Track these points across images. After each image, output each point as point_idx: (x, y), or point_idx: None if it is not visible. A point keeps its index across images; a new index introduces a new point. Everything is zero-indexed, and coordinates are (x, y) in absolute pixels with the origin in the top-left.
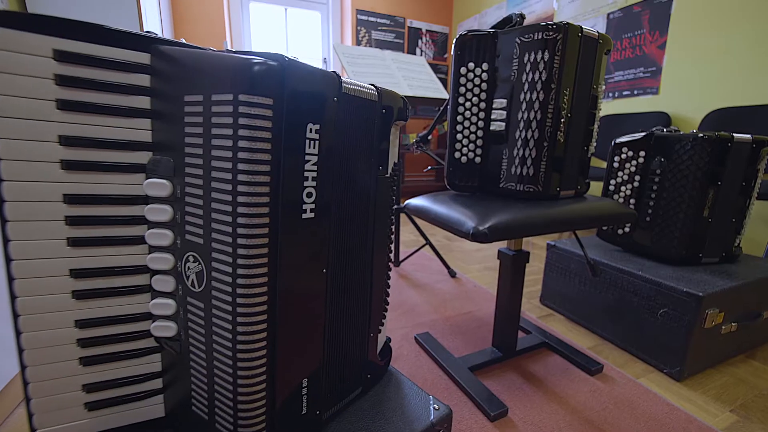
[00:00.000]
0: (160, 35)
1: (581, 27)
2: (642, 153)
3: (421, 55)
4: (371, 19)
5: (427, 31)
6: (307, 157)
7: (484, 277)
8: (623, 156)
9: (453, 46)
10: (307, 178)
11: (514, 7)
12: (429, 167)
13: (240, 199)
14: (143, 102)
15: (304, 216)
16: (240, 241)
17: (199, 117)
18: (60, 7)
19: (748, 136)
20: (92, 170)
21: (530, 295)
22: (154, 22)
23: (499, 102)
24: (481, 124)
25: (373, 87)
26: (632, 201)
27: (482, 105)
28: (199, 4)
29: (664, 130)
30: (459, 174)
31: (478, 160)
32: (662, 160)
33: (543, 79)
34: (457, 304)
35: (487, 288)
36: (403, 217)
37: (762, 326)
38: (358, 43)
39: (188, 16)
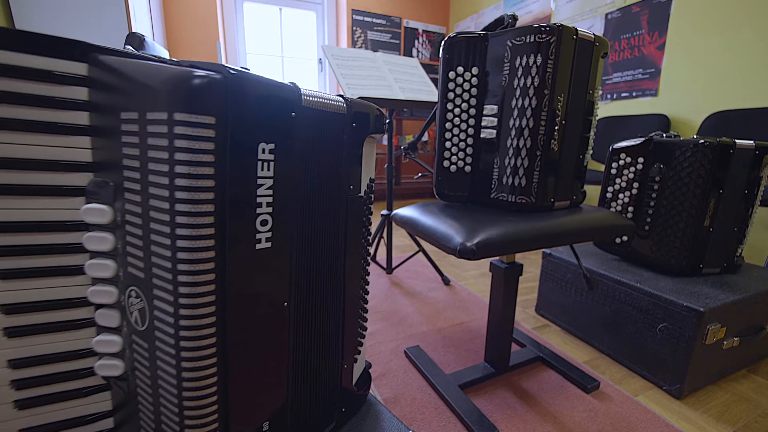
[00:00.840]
0: (99, 44)
1: (576, 29)
2: (640, 159)
3: (418, 55)
4: (367, 19)
5: (423, 31)
6: (260, 181)
7: (479, 285)
8: (621, 162)
9: (441, 48)
10: (260, 204)
11: (511, 7)
12: (420, 174)
13: (180, 231)
14: (81, 118)
15: (258, 246)
16: (182, 278)
17: (136, 137)
18: (45, 9)
19: (751, 142)
20: (25, 194)
21: (526, 304)
22: (144, 23)
23: (490, 108)
24: (470, 131)
25: (341, 98)
26: (630, 209)
27: (472, 111)
28: (192, 4)
29: (664, 135)
30: (448, 184)
31: (468, 169)
32: (662, 166)
33: (536, 84)
34: (450, 314)
35: (482, 296)
36: None
37: (765, 340)
38: (354, 43)
39: (180, 16)
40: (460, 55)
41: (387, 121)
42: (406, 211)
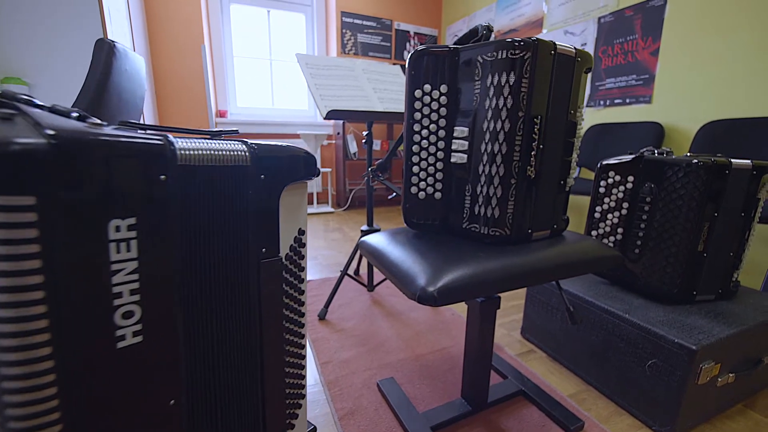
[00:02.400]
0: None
1: (554, 43)
2: (630, 178)
3: None
4: (356, 21)
5: (415, 33)
6: (116, 266)
7: (464, 304)
8: (610, 180)
9: (407, 63)
10: (120, 294)
11: (503, 9)
12: (393, 194)
13: (3, 342)
14: None
15: (122, 344)
16: (10, 398)
17: None
18: (16, 15)
19: (748, 161)
20: None
21: (512, 326)
22: (122, 28)
23: (461, 130)
24: (440, 154)
25: (242, 147)
26: (620, 230)
27: (441, 133)
28: (175, 7)
29: (656, 151)
30: (417, 211)
31: (438, 195)
32: (653, 186)
33: (508, 105)
34: (431, 337)
35: (465, 316)
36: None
37: (762, 372)
38: (344, 46)
39: (163, 19)
40: (427, 71)
41: (317, 171)
42: (374, 240)
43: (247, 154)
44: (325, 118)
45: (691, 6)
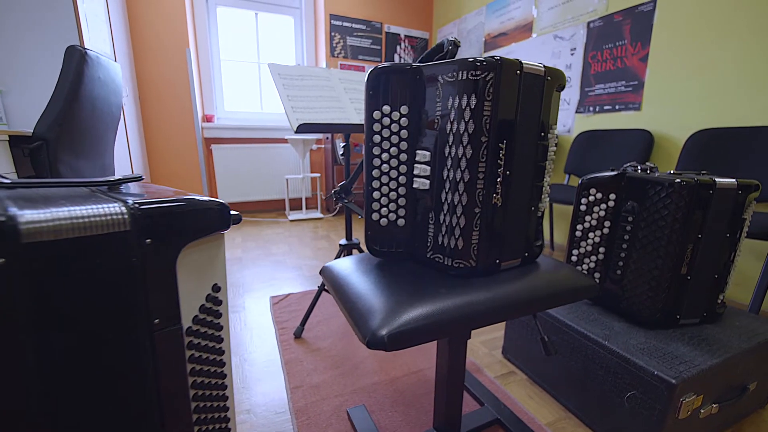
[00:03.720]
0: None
1: (520, 62)
2: (612, 195)
3: (400, 61)
4: (346, 24)
5: (406, 36)
6: None
7: None
8: (591, 198)
9: (365, 83)
10: None
11: (494, 13)
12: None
13: None
14: None
15: None
16: None
17: None
18: None
19: (733, 180)
20: None
21: (493, 344)
22: (100, 32)
23: (422, 154)
24: (402, 179)
25: (120, 209)
26: (602, 249)
27: (403, 157)
28: (159, 10)
29: (639, 167)
30: (379, 238)
31: (401, 222)
32: (635, 205)
33: (470, 131)
34: (407, 358)
35: None
36: None
37: (748, 399)
38: (333, 49)
39: (147, 22)
40: (386, 91)
41: (233, 219)
42: (338, 266)
43: (126, 217)
44: (296, 132)
45: (680, 12)
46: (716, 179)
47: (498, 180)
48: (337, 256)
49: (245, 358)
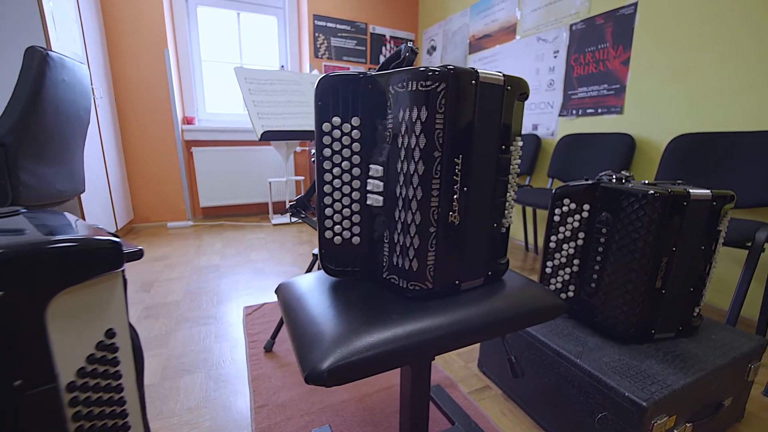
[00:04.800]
0: None
1: (476, 71)
2: (586, 206)
3: None
4: (330, 25)
5: (391, 37)
6: None
7: None
8: (565, 209)
9: (314, 92)
10: None
11: (478, 14)
12: None
13: None
14: None
15: None
16: None
17: None
18: None
19: (707, 191)
20: None
21: (470, 356)
22: (70, 32)
23: (375, 169)
24: (356, 195)
25: None
26: (576, 261)
27: (356, 171)
28: (136, 9)
29: (614, 176)
30: (334, 257)
31: (356, 240)
32: (608, 216)
33: (421, 145)
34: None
35: None
36: None
37: (724, 415)
38: (317, 50)
39: (122, 20)
40: (336, 101)
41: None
42: (292, 287)
43: None
44: (260, 139)
45: (660, 16)
46: (690, 190)
47: (455, 197)
48: (310, 267)
49: (210, 374)
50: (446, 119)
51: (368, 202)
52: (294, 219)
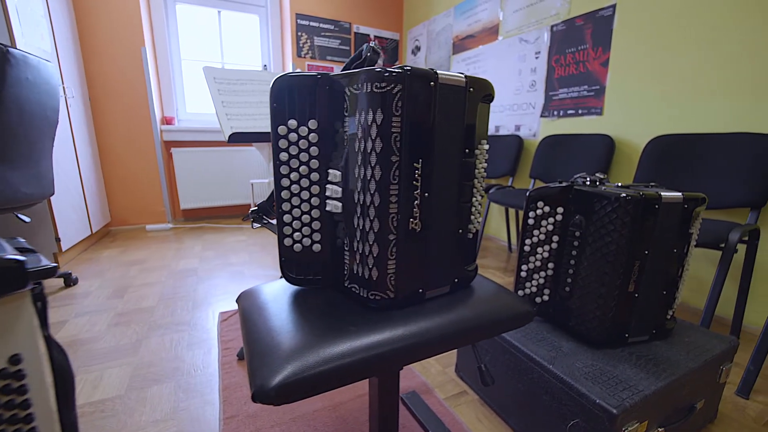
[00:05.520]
0: None
1: (435, 72)
2: (560, 209)
3: None
4: (313, 24)
5: (375, 37)
6: None
7: None
8: (539, 212)
9: (269, 93)
10: None
11: (462, 14)
12: None
13: None
14: None
15: None
16: None
17: None
18: None
19: (679, 194)
20: None
21: (448, 361)
22: (37, 27)
23: (334, 174)
24: (315, 201)
25: None
26: (551, 265)
27: (314, 176)
28: (110, 4)
29: (588, 179)
30: (294, 265)
31: (317, 247)
32: (582, 219)
33: (377, 150)
34: None
35: None
36: None
37: (697, 417)
38: (300, 49)
39: (96, 17)
40: (292, 103)
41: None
42: (253, 296)
43: None
44: (228, 141)
45: (638, 18)
46: (662, 193)
47: (415, 203)
48: None
49: (180, 384)
50: (403, 122)
51: (327, 208)
52: (256, 225)
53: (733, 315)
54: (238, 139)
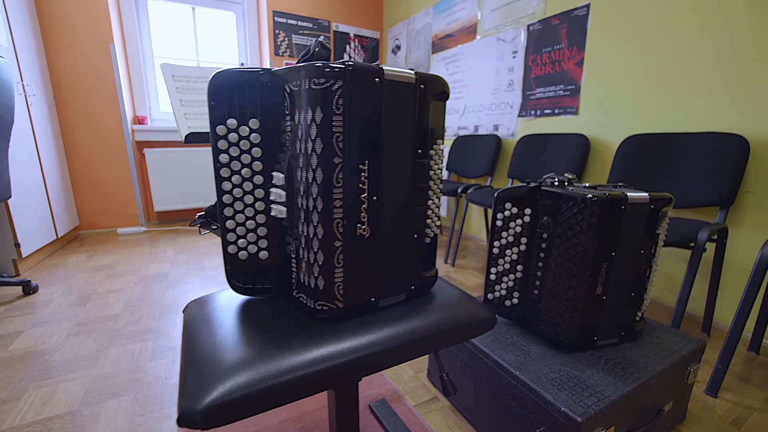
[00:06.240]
0: None
1: (381, 68)
2: (528, 210)
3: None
4: (291, 21)
5: (355, 36)
6: None
7: None
8: (507, 213)
9: (207, 90)
10: None
11: (441, 13)
12: None
13: None
14: None
15: None
16: None
17: None
18: None
19: (645, 194)
20: None
21: (420, 366)
22: None
23: (278, 177)
24: (260, 206)
25: None
26: (519, 267)
27: (258, 179)
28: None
29: (557, 179)
30: (239, 274)
31: (264, 255)
32: (549, 221)
33: (318, 151)
34: None
35: None
36: None
37: (665, 419)
38: (277, 47)
39: (60, 12)
40: (232, 101)
41: None
42: (198, 307)
43: None
44: (185, 142)
45: (612, 18)
46: (628, 193)
47: (363, 207)
48: None
49: (139, 398)
50: (346, 121)
51: (272, 213)
52: (205, 231)
53: (704, 312)
54: (196, 139)
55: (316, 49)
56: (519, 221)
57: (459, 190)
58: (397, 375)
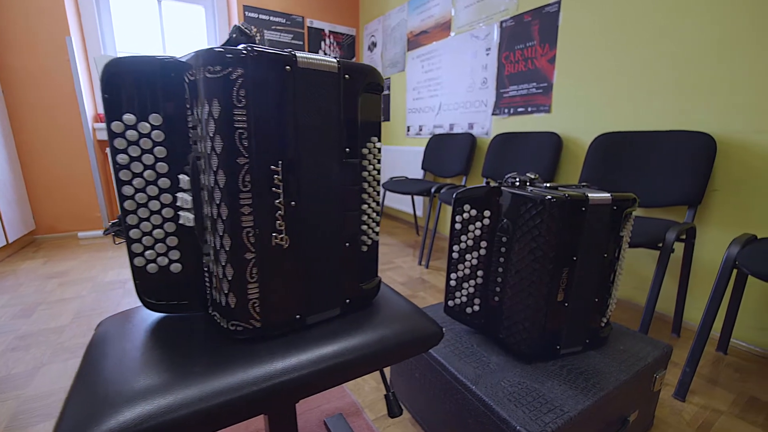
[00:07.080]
0: None
1: (293, 54)
2: (487, 213)
3: None
4: (263, 17)
5: (330, 32)
6: None
7: None
8: (466, 216)
9: (100, 81)
10: None
11: (415, 9)
12: None
13: None
14: None
15: None
16: None
17: None
18: None
19: (607, 195)
20: None
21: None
22: None
23: (185, 181)
24: (168, 212)
25: None
26: (480, 273)
27: (164, 183)
28: None
29: (518, 180)
30: (150, 288)
31: (176, 267)
32: (509, 223)
33: (217, 150)
34: None
35: None
36: None
37: (630, 429)
38: None
39: (7, 2)
40: (129, 94)
41: None
42: (108, 325)
43: None
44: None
45: (582, 15)
46: (590, 194)
47: (278, 214)
48: None
49: None
50: (251, 115)
51: (180, 221)
52: (120, 241)
53: (674, 313)
54: None
55: (233, 35)
56: (478, 224)
57: (432, 190)
58: (359, 387)
